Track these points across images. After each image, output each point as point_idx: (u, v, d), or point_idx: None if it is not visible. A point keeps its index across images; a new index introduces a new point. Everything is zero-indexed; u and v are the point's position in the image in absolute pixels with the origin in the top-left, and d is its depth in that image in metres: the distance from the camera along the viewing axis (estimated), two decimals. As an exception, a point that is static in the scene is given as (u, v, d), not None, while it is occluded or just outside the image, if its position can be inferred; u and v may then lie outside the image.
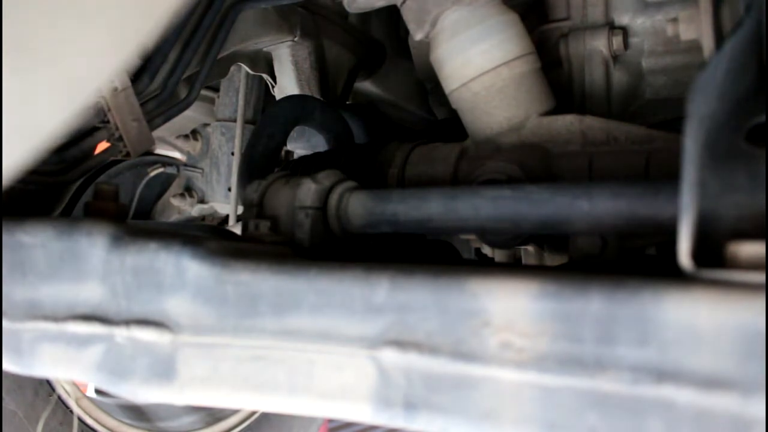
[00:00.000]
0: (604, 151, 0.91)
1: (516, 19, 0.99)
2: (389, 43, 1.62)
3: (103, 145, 0.93)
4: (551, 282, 0.53)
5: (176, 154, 1.91)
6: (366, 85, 1.62)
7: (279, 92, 1.43)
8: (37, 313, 0.69)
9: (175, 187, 1.81)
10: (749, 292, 0.46)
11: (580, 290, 0.51)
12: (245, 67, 1.42)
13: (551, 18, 1.13)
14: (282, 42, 1.35)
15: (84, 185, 1.52)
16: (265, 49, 1.40)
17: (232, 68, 1.37)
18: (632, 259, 0.74)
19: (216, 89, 1.70)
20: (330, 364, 0.60)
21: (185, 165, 1.79)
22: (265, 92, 1.65)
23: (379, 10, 1.11)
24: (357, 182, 0.87)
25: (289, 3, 1.18)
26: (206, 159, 1.74)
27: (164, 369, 0.65)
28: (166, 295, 0.65)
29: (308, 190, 0.82)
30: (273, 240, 0.80)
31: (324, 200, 0.82)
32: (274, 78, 1.44)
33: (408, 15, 1.02)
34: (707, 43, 0.88)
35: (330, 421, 3.76)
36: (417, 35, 1.02)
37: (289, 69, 1.39)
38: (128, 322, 0.65)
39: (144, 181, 1.84)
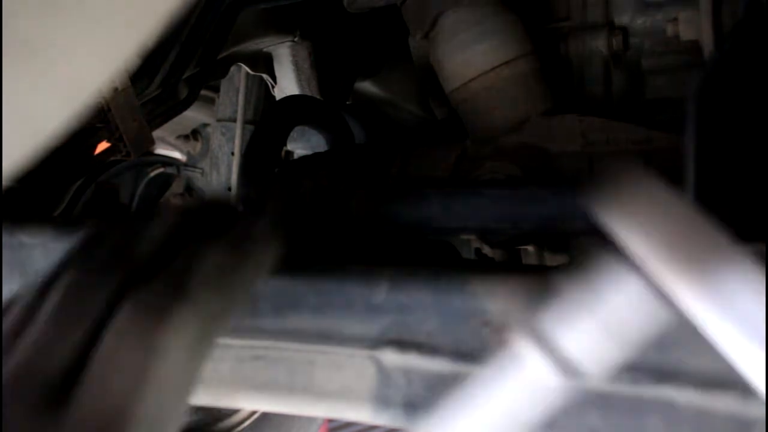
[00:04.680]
0: (604, 151, 0.91)
1: (516, 19, 0.99)
2: (389, 43, 1.62)
3: (103, 145, 0.93)
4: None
5: (176, 154, 1.91)
6: (366, 85, 1.62)
7: (279, 92, 1.43)
8: (37, 313, 0.69)
9: (175, 187, 1.81)
10: (749, 292, 0.46)
11: (580, 290, 0.51)
12: (245, 67, 1.42)
13: (551, 18, 1.13)
14: (282, 42, 1.35)
15: (84, 185, 1.52)
16: (265, 49, 1.40)
17: (232, 68, 1.37)
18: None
19: (216, 89, 1.70)
20: (330, 364, 0.60)
21: (185, 165, 1.78)
22: (265, 92, 1.65)
23: (379, 9, 1.11)
24: (357, 182, 0.87)
25: (289, 3, 1.18)
26: (206, 159, 1.73)
27: (164, 369, 0.65)
28: (166, 295, 0.65)
29: (308, 190, 0.82)
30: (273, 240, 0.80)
31: (324, 200, 0.82)
32: (274, 78, 1.44)
33: (408, 15, 1.02)
34: (707, 43, 0.88)
35: (330, 421, 3.76)
36: (417, 35, 1.02)
37: (289, 69, 1.39)
38: (128, 322, 0.65)
39: (144, 181, 1.84)
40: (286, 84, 1.40)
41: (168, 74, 0.99)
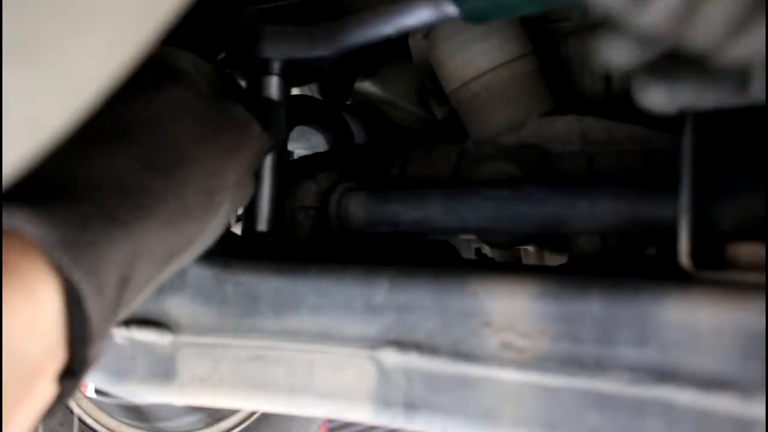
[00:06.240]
0: (604, 152, 0.91)
1: (516, 20, 0.99)
2: (389, 43, 1.62)
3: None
4: (551, 282, 0.53)
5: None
6: (366, 85, 1.62)
7: (279, 92, 1.42)
8: (37, 313, 0.69)
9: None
10: (749, 292, 0.46)
11: (580, 291, 0.51)
12: (245, 67, 1.41)
13: (551, 18, 1.13)
14: (282, 42, 1.34)
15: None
16: (265, 49, 1.39)
17: (232, 68, 1.37)
18: (632, 259, 0.74)
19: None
20: (330, 364, 0.60)
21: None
22: (265, 92, 1.64)
23: (379, 10, 1.11)
24: (357, 182, 0.87)
25: (289, 2, 1.17)
26: (206, 159, 1.73)
27: (164, 369, 0.65)
28: (166, 295, 0.65)
29: (308, 190, 0.82)
30: (273, 240, 0.80)
31: (324, 200, 0.82)
32: (274, 78, 1.43)
33: (408, 15, 1.02)
34: (707, 43, 0.88)
35: (330, 421, 3.76)
36: (417, 35, 1.02)
37: (289, 69, 1.38)
38: (128, 322, 0.65)
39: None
40: (286, 84, 1.39)
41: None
